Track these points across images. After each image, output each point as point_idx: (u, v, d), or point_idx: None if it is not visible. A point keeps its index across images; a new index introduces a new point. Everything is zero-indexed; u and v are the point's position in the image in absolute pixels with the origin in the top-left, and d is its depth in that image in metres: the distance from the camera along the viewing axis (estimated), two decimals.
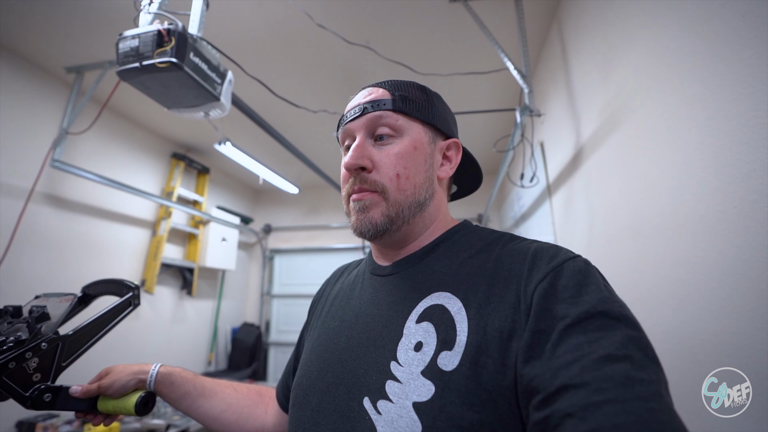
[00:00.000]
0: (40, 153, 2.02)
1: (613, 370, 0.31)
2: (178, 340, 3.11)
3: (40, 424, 1.87)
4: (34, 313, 0.59)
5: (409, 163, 0.51)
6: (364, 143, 0.52)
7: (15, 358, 0.55)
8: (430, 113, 0.54)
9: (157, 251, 2.81)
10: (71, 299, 0.67)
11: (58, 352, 0.60)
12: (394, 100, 0.52)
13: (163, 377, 0.65)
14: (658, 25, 0.91)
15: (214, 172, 3.62)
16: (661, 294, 0.92)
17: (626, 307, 0.38)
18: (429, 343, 0.42)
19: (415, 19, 1.75)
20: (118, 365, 0.67)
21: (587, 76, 1.38)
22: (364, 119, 0.52)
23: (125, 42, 1.02)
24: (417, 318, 0.45)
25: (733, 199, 0.69)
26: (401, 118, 0.52)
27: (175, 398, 0.65)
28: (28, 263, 2.02)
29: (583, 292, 0.38)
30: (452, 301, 0.44)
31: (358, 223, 0.52)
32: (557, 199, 1.85)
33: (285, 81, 2.20)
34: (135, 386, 0.64)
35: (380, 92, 0.54)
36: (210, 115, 1.26)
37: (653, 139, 0.96)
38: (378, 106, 0.52)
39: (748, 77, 0.64)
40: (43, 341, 0.58)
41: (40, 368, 0.58)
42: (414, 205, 0.51)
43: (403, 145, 0.51)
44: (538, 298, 0.39)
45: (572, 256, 0.43)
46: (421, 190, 0.52)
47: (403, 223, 0.51)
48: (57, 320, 0.62)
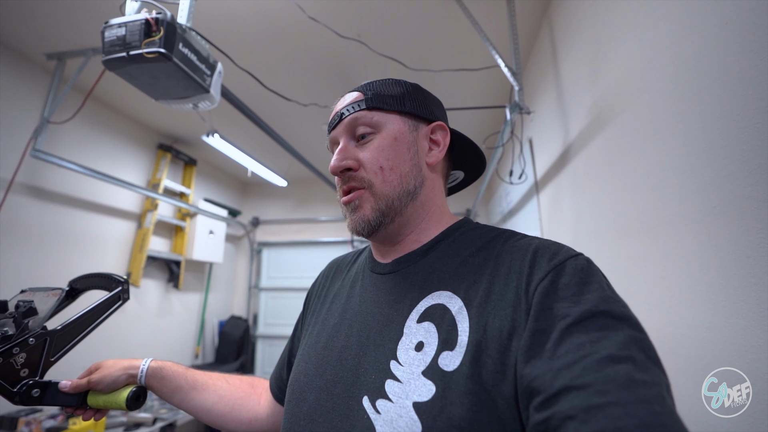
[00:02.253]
0: (21, 142, 1.95)
1: (616, 371, 0.30)
2: (164, 334, 3.08)
3: (23, 419, 1.84)
4: (21, 308, 0.59)
5: (391, 154, 0.52)
6: (347, 146, 0.54)
7: (2, 353, 0.54)
8: (406, 103, 0.54)
9: (143, 244, 2.76)
10: (59, 294, 0.66)
11: (46, 347, 0.59)
12: (367, 99, 0.53)
13: (154, 372, 0.64)
14: (646, 28, 0.94)
15: (201, 164, 3.56)
16: (645, 291, 0.95)
17: (628, 308, 0.37)
18: (430, 343, 0.42)
19: (408, 14, 1.75)
20: (108, 360, 0.66)
21: (576, 75, 1.40)
22: (343, 124, 0.54)
23: (111, 30, 1.00)
24: (418, 317, 0.45)
25: (713, 199, 0.71)
26: (376, 114, 0.53)
27: (166, 392, 0.65)
28: (7, 256, 1.97)
29: (585, 291, 0.38)
30: (453, 301, 0.44)
31: (352, 223, 0.53)
32: (544, 196, 1.88)
33: (275, 73, 2.17)
34: (126, 381, 0.63)
35: (354, 95, 0.55)
36: (199, 106, 1.24)
37: (639, 138, 0.98)
38: (353, 109, 0.53)
39: (731, 82, 0.67)
40: (31, 336, 0.57)
41: (28, 364, 0.57)
42: (403, 195, 0.52)
43: (382, 139, 0.52)
44: (539, 297, 0.38)
45: (574, 254, 0.42)
46: (409, 178, 0.52)
47: (396, 215, 0.52)
48: (44, 315, 0.61)
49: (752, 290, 0.63)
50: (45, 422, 1.83)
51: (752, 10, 0.62)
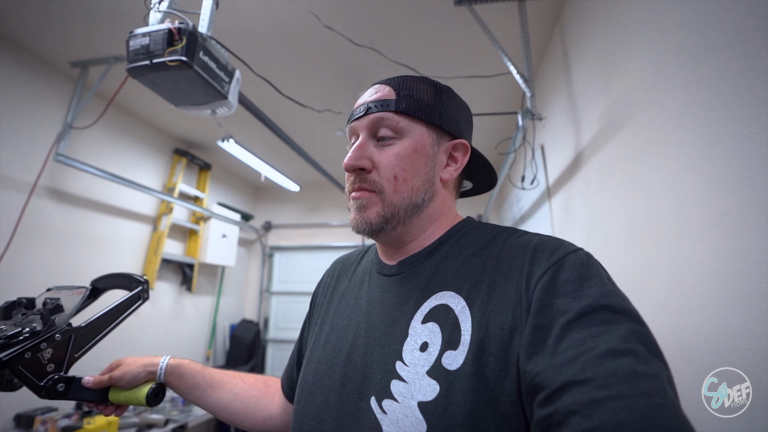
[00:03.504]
0: (44, 147, 2.02)
1: (617, 365, 0.31)
2: (176, 336, 3.12)
3: (39, 418, 1.87)
4: (49, 305, 0.61)
5: (408, 165, 0.51)
6: (366, 143, 0.53)
7: (30, 348, 0.56)
8: (435, 114, 0.53)
9: (158, 246, 2.82)
10: (83, 292, 0.68)
11: (70, 343, 0.61)
12: (398, 100, 0.52)
13: (173, 369, 0.66)
14: (658, 36, 0.94)
15: (215, 169, 3.63)
16: (658, 295, 0.94)
17: (629, 301, 0.37)
18: (434, 343, 0.42)
19: (421, 21, 1.77)
20: (129, 357, 0.68)
21: (588, 81, 1.40)
22: (367, 120, 0.53)
23: (136, 40, 1.04)
24: (423, 318, 0.46)
25: (726, 204, 0.71)
26: (403, 120, 0.51)
27: (184, 389, 0.66)
28: (29, 257, 2.03)
29: (585, 286, 0.38)
30: (456, 300, 0.44)
31: (355, 221, 0.53)
32: (556, 202, 1.87)
33: (291, 80, 2.21)
34: (145, 378, 0.65)
35: (386, 91, 0.53)
36: (217, 112, 1.28)
37: (651, 145, 0.98)
38: (381, 107, 0.52)
39: (742, 89, 0.67)
40: (57, 332, 0.59)
41: (54, 359, 0.59)
42: (410, 207, 0.52)
43: (403, 147, 0.51)
44: (539, 293, 0.38)
45: (573, 249, 0.42)
46: (419, 192, 0.52)
47: (399, 224, 0.52)
48: (70, 312, 0.63)
49: (766, 294, 0.62)
50: (60, 421, 1.86)
51: (763, 18, 0.62)
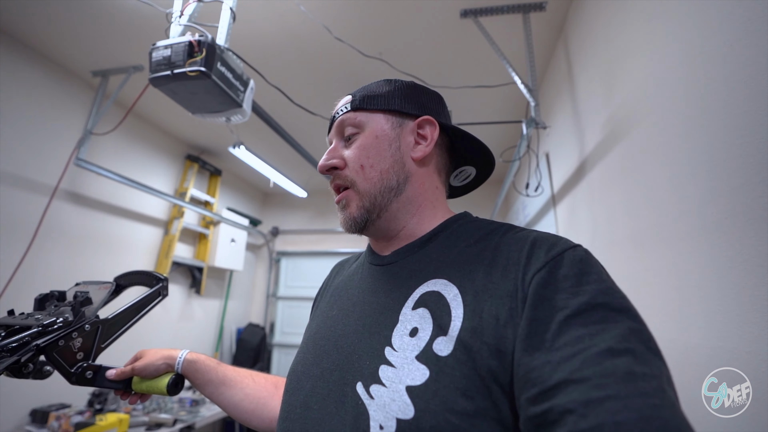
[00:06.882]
0: (65, 152, 2.11)
1: (615, 364, 0.30)
2: (185, 338, 3.17)
3: (54, 413, 1.91)
4: (79, 297, 0.65)
5: (371, 152, 0.54)
6: (337, 146, 0.57)
7: (64, 336, 0.60)
8: (392, 100, 0.56)
9: (169, 249, 2.88)
10: (109, 287, 0.72)
11: (98, 334, 0.65)
12: (354, 101, 0.56)
13: (189, 364, 0.69)
14: (659, 46, 0.97)
15: (225, 174, 3.71)
16: (660, 299, 0.97)
17: (627, 299, 0.37)
18: (424, 328, 0.42)
19: (427, 33, 1.83)
20: (151, 349, 0.72)
21: (591, 91, 1.44)
22: (334, 127, 0.58)
23: (158, 51, 1.10)
24: (413, 304, 0.45)
25: (725, 210, 0.74)
26: (360, 115, 0.55)
27: (199, 384, 0.69)
28: (49, 256, 2.10)
29: (584, 282, 0.37)
30: (449, 288, 0.44)
31: (342, 221, 0.57)
32: (561, 209, 1.89)
33: (302, 89, 2.28)
34: (165, 369, 0.68)
35: (345, 99, 0.58)
36: (231, 120, 1.33)
37: (653, 152, 1.01)
38: (341, 111, 0.57)
39: (742, 98, 0.70)
40: (87, 323, 0.63)
41: (83, 348, 0.63)
42: (385, 191, 0.53)
43: (364, 137, 0.55)
44: (536, 287, 0.38)
45: (572, 246, 0.42)
46: (389, 174, 0.53)
47: (381, 210, 0.53)
48: (97, 305, 0.68)
49: (765, 298, 0.64)
50: (73, 417, 1.90)
51: (760, 29, 0.65)
